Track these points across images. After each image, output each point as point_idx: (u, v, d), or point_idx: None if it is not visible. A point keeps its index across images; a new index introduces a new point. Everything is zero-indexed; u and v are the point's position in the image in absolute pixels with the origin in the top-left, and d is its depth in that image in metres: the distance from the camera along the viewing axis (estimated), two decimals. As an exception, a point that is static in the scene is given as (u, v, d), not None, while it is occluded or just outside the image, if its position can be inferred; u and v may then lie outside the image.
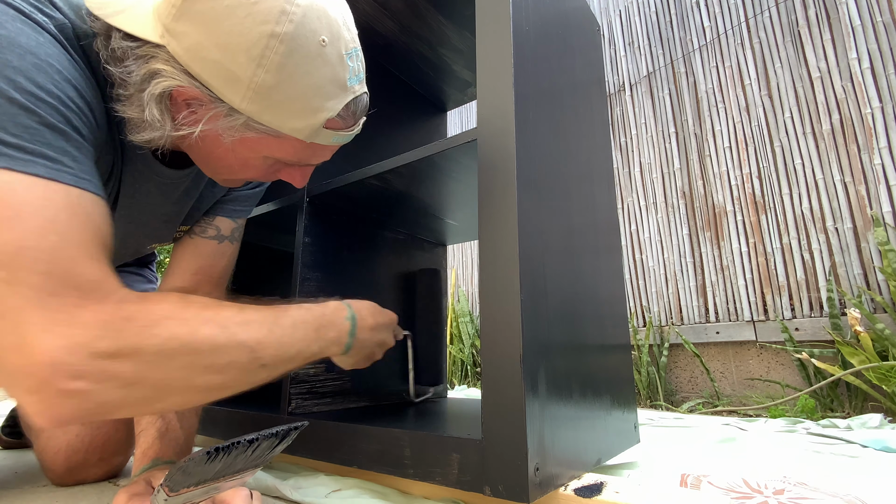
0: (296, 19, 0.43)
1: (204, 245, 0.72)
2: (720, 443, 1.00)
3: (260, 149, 0.50)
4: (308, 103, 0.47)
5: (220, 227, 0.75)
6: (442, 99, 1.23)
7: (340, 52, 0.48)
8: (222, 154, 0.51)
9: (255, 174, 0.55)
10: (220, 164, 0.54)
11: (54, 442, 0.66)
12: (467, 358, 2.52)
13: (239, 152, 0.51)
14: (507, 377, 0.49)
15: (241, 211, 0.78)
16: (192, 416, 0.62)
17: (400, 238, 1.05)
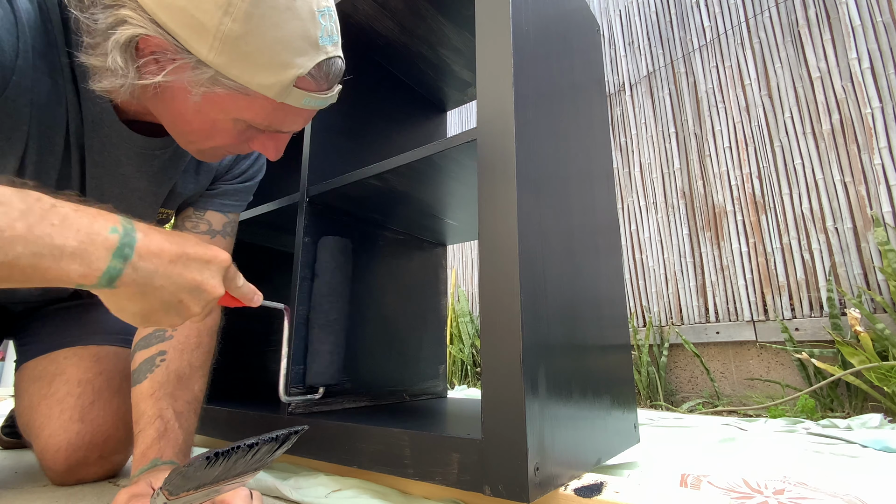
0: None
1: None
2: (720, 443, 1.00)
3: (229, 108, 0.48)
4: (277, 57, 0.46)
5: (212, 221, 0.74)
6: (442, 99, 1.23)
7: (312, 9, 0.47)
8: (190, 115, 0.50)
9: (226, 140, 0.53)
10: (189, 128, 0.51)
11: (55, 440, 0.66)
12: (467, 358, 2.52)
13: (207, 112, 0.49)
14: (507, 377, 0.49)
15: (232, 205, 0.77)
16: (191, 415, 0.62)
17: (400, 238, 1.05)
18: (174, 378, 0.61)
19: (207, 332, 0.68)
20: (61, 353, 0.73)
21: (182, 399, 0.61)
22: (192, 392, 0.63)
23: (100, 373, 0.72)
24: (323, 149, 0.90)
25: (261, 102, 0.48)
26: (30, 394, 0.71)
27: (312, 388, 0.79)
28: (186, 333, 0.66)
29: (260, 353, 1.22)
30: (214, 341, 0.70)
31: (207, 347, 0.67)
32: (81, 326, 0.76)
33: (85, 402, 0.68)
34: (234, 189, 0.77)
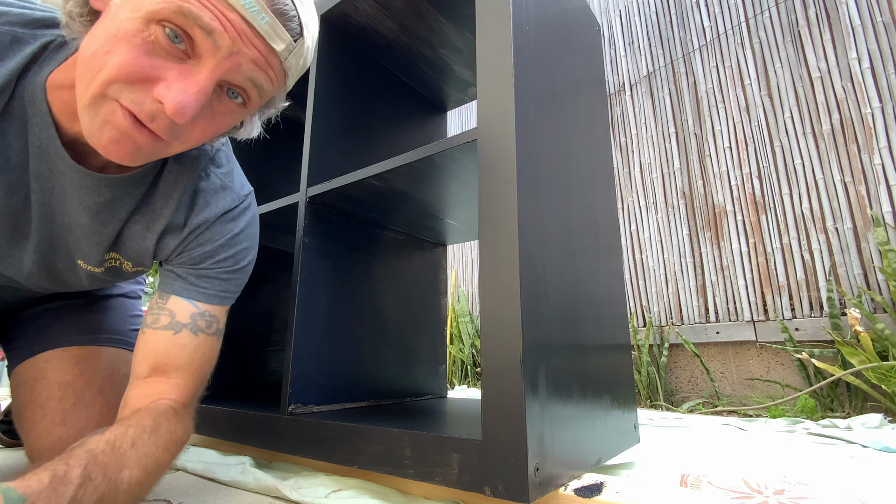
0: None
1: (155, 339, 0.58)
2: (720, 443, 1.00)
3: (144, 1, 0.41)
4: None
5: (175, 311, 0.60)
6: (442, 99, 1.23)
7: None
8: (101, 32, 0.43)
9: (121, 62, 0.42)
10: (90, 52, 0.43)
11: (39, 445, 0.66)
12: (467, 358, 2.52)
13: (118, 16, 0.42)
14: (507, 377, 0.49)
15: (205, 291, 0.62)
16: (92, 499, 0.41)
17: (400, 238, 1.05)
18: (105, 444, 0.45)
19: (167, 425, 0.52)
20: (42, 356, 0.72)
21: (102, 470, 0.43)
22: (118, 474, 0.44)
23: (80, 374, 0.71)
24: (323, 149, 0.90)
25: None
26: (18, 399, 0.72)
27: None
28: (142, 414, 0.52)
29: (260, 353, 1.22)
30: (172, 451, 0.52)
31: (162, 443, 0.50)
32: (63, 327, 0.76)
33: (66, 406, 0.68)
34: (212, 272, 0.62)
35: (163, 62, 0.43)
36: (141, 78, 0.43)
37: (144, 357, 0.59)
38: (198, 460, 0.80)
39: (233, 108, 0.50)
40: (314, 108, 0.89)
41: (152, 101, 0.44)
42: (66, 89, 0.50)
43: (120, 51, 0.42)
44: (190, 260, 0.62)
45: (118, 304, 0.84)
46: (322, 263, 0.85)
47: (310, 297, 0.81)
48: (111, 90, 0.43)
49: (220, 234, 0.63)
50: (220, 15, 0.43)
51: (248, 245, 0.66)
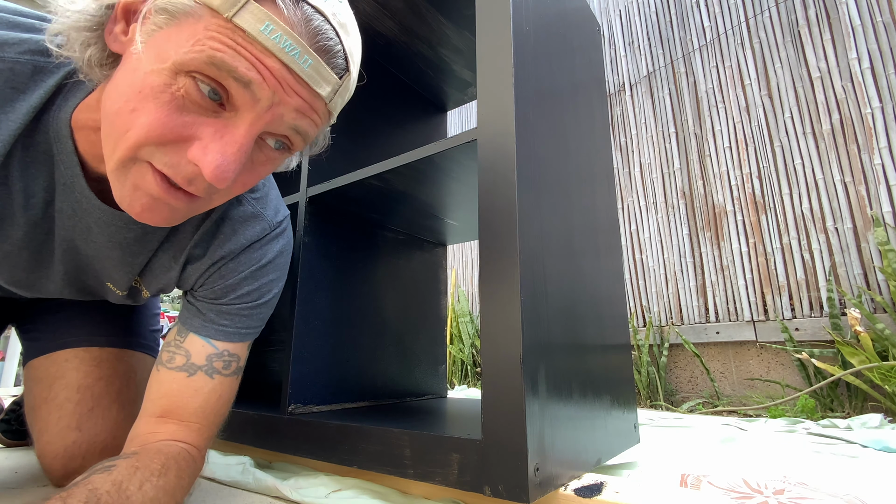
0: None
1: (169, 380, 0.55)
2: (720, 443, 1.00)
3: (166, 46, 0.37)
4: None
5: (191, 352, 0.56)
6: (442, 99, 1.23)
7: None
8: (123, 84, 0.39)
9: (151, 120, 0.38)
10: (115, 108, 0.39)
11: (52, 447, 0.66)
12: (467, 358, 2.52)
13: (141, 67, 0.38)
14: (507, 377, 0.49)
15: (224, 329, 0.58)
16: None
17: (400, 238, 1.05)
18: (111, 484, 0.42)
19: (177, 469, 0.49)
20: (62, 354, 0.72)
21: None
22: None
23: (100, 378, 0.71)
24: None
25: (204, 23, 0.37)
26: (33, 395, 0.71)
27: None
28: (151, 456, 0.48)
29: (260, 353, 1.22)
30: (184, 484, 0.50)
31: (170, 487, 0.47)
32: (85, 325, 0.75)
33: (83, 410, 0.68)
34: (231, 307, 0.59)
35: (196, 118, 0.39)
36: (173, 139, 0.39)
37: (158, 397, 0.55)
38: (198, 460, 0.80)
39: (274, 156, 0.45)
40: (314, 108, 0.89)
41: (188, 164, 0.40)
42: (92, 131, 0.48)
43: (147, 109, 0.38)
44: (212, 294, 0.58)
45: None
46: (322, 263, 0.85)
47: (310, 297, 0.81)
48: (142, 153, 0.39)
49: (244, 264, 0.59)
50: (258, 63, 0.38)
51: (274, 277, 0.62)
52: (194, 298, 0.60)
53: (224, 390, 0.59)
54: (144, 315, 0.83)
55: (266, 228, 0.60)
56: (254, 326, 0.61)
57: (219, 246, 0.58)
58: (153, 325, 0.84)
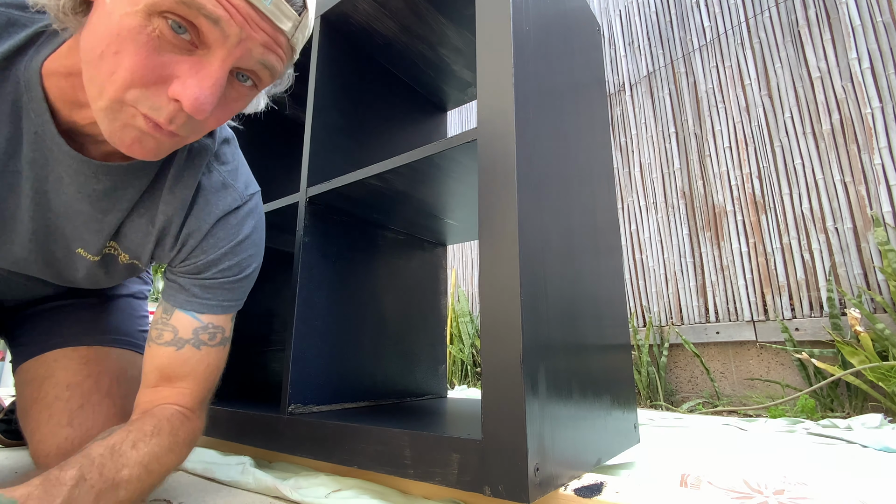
0: None
1: (159, 354, 0.60)
2: (720, 443, 1.00)
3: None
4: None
5: (178, 328, 0.59)
6: (442, 99, 1.23)
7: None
8: (101, 28, 0.41)
9: (132, 62, 0.41)
10: (97, 53, 0.42)
11: (45, 445, 0.66)
12: (467, 358, 2.52)
13: (115, 11, 0.40)
14: (507, 377, 0.49)
15: (208, 303, 0.61)
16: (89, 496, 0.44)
17: (400, 238, 1.05)
18: (104, 448, 0.47)
19: (170, 428, 0.54)
20: (51, 355, 0.72)
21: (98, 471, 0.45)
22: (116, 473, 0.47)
23: (88, 375, 0.71)
24: (323, 149, 0.90)
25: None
26: (24, 397, 0.71)
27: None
28: (144, 420, 0.54)
29: (260, 353, 1.22)
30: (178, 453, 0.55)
31: (165, 444, 0.52)
32: (72, 326, 0.75)
33: (73, 407, 0.68)
34: (213, 281, 0.61)
35: (172, 57, 0.42)
36: (154, 80, 0.42)
37: (151, 370, 0.60)
38: (198, 460, 0.80)
39: (244, 91, 0.49)
40: (314, 108, 0.89)
41: (168, 102, 0.43)
42: (63, 77, 0.50)
43: (128, 51, 0.41)
44: (194, 269, 0.61)
45: (126, 305, 0.84)
46: (322, 263, 0.85)
47: (310, 298, 0.81)
48: (129, 97, 0.42)
49: (223, 240, 0.62)
50: (224, 1, 0.41)
51: (253, 252, 0.65)
52: (175, 274, 0.62)
53: (212, 359, 0.62)
54: (132, 316, 0.83)
55: (237, 199, 0.63)
56: (235, 299, 0.64)
57: (194, 216, 0.60)
58: (141, 325, 0.84)
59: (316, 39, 0.93)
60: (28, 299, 0.78)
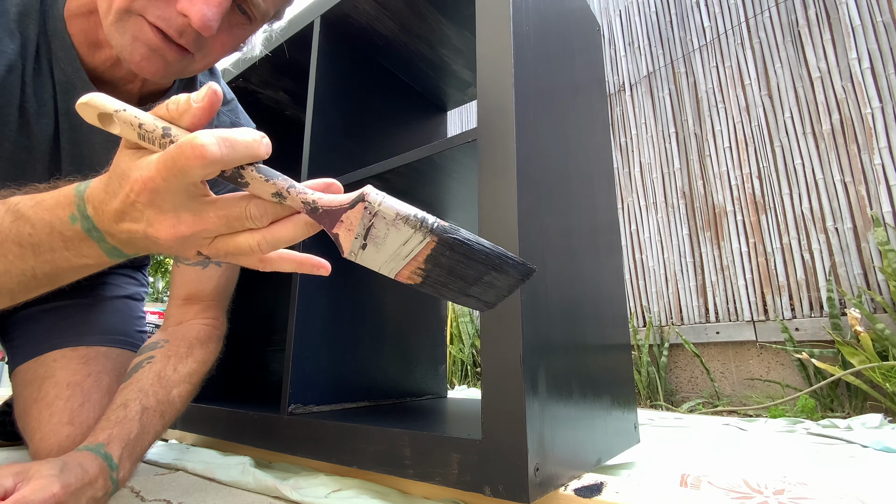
0: None
1: (188, 272, 0.70)
2: (720, 443, 1.00)
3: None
4: None
5: None
6: (442, 99, 1.22)
7: None
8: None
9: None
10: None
11: (46, 444, 0.66)
12: (467, 358, 2.52)
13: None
14: (507, 377, 0.49)
15: None
16: (156, 416, 0.58)
17: (400, 238, 1.05)
18: (153, 376, 0.59)
19: (200, 345, 0.67)
20: (50, 355, 0.72)
21: (154, 397, 0.58)
22: (168, 394, 0.60)
23: (88, 374, 0.71)
24: (323, 149, 0.89)
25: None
26: (23, 398, 0.71)
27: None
28: (178, 343, 0.65)
29: (260, 353, 1.22)
30: (209, 357, 0.68)
31: (200, 359, 0.65)
32: (71, 327, 0.75)
33: (74, 405, 0.68)
34: None
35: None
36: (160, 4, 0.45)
37: (181, 285, 0.70)
38: (198, 460, 0.80)
39: (243, 21, 0.52)
40: (314, 108, 0.89)
41: (178, 16, 0.46)
42: (84, 17, 0.51)
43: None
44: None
45: (123, 306, 0.84)
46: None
47: (310, 297, 0.81)
48: (135, 5, 0.45)
49: None
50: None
51: None
52: None
53: (230, 273, 0.73)
54: (130, 317, 0.84)
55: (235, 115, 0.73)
56: None
57: None
58: (139, 326, 0.84)
59: (316, 39, 0.93)
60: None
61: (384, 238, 0.31)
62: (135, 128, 0.29)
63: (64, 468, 0.44)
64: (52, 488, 0.41)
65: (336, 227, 0.32)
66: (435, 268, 0.32)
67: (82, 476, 0.45)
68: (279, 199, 0.32)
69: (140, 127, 0.29)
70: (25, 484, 0.41)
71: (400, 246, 0.31)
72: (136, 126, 0.29)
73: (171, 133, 0.29)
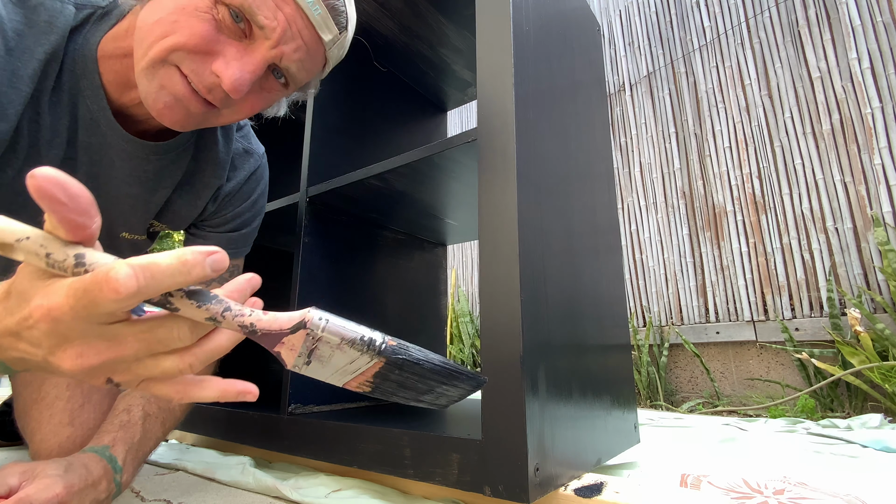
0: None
1: None
2: (720, 443, 1.00)
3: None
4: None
5: None
6: (442, 99, 1.22)
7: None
8: (166, 4, 0.46)
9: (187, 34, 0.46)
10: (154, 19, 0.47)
11: (46, 444, 0.66)
12: (467, 358, 2.52)
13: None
14: (507, 377, 0.49)
15: (234, 251, 0.73)
16: (157, 423, 0.60)
17: (400, 238, 1.05)
18: None
19: None
20: None
21: (156, 404, 0.60)
22: (169, 402, 0.61)
23: None
24: (323, 149, 0.90)
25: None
26: (23, 398, 0.71)
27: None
28: None
29: (260, 353, 1.22)
30: (207, 371, 0.68)
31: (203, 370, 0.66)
32: None
33: (74, 406, 0.68)
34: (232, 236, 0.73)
35: (225, 39, 0.47)
36: (204, 50, 0.46)
37: None
38: (198, 460, 0.80)
39: (277, 87, 0.53)
40: (314, 108, 0.89)
41: (210, 74, 0.47)
42: (117, 59, 0.52)
43: (189, 23, 0.46)
44: (221, 221, 0.70)
45: None
46: (322, 263, 0.85)
47: (310, 297, 0.81)
48: (173, 56, 0.46)
49: (246, 193, 0.72)
50: (277, 9, 0.47)
51: (264, 203, 0.76)
52: (199, 229, 0.71)
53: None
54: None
55: (257, 160, 0.73)
56: (250, 242, 0.76)
57: (230, 181, 0.70)
58: None
59: (316, 39, 0.93)
60: None
61: (329, 358, 0.30)
62: (41, 258, 0.26)
63: (68, 469, 0.45)
64: (56, 488, 0.41)
65: (277, 347, 0.30)
66: (384, 382, 0.32)
67: (86, 477, 0.45)
68: (214, 323, 0.29)
69: (48, 257, 0.26)
70: (30, 483, 0.41)
71: (347, 364, 0.31)
72: (43, 256, 0.26)
73: (86, 262, 0.26)
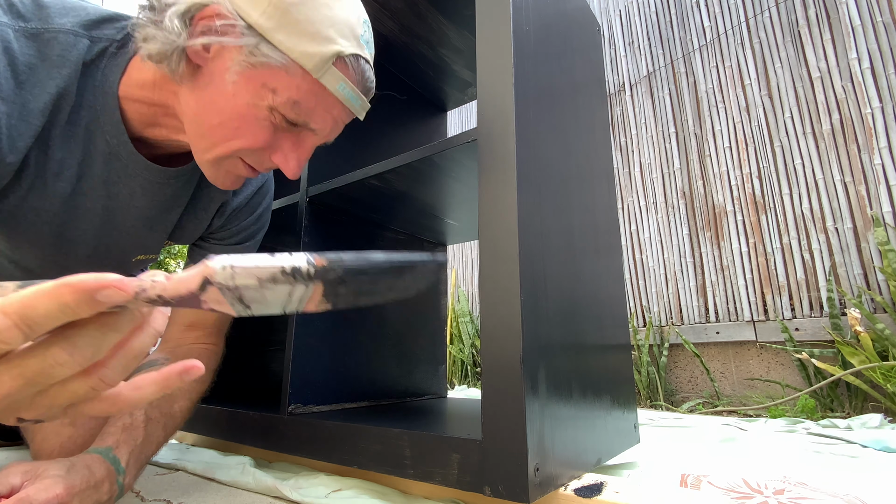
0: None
1: None
2: (720, 443, 1.00)
3: (264, 86, 0.49)
4: (323, 30, 0.49)
5: None
6: (442, 99, 1.22)
7: (358, 12, 0.53)
8: (222, 103, 0.50)
9: (251, 139, 0.52)
10: (217, 120, 0.51)
11: (48, 444, 0.66)
12: (467, 358, 2.52)
13: (240, 97, 0.50)
14: (507, 377, 0.49)
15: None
16: (159, 427, 0.60)
17: (400, 238, 1.05)
18: None
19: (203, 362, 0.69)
20: None
21: (158, 409, 0.60)
22: (170, 407, 0.62)
23: None
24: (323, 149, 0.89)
25: (297, 80, 0.50)
26: None
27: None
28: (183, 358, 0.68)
29: (260, 354, 1.22)
30: (207, 377, 0.69)
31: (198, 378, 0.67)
32: None
33: None
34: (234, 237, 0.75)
35: (281, 134, 0.54)
36: (264, 147, 0.54)
37: (184, 313, 0.71)
38: (198, 460, 0.80)
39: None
40: (314, 108, 0.89)
41: (270, 162, 0.56)
42: (144, 104, 0.55)
43: (252, 130, 0.52)
44: (227, 234, 0.74)
45: None
46: (322, 263, 0.85)
47: (310, 297, 0.81)
48: (238, 153, 0.54)
49: (252, 207, 0.75)
50: (326, 114, 0.54)
51: (266, 218, 0.80)
52: (205, 241, 0.74)
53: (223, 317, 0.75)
54: None
55: (265, 175, 0.77)
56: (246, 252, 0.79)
57: (236, 196, 0.74)
58: None
59: (316, 39, 0.93)
60: None
61: (263, 298, 0.27)
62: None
63: (71, 469, 0.45)
64: (56, 489, 0.41)
65: (203, 306, 0.27)
66: (337, 297, 0.30)
67: (88, 478, 0.45)
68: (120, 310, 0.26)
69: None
70: (32, 483, 0.41)
71: (287, 296, 0.28)
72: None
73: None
